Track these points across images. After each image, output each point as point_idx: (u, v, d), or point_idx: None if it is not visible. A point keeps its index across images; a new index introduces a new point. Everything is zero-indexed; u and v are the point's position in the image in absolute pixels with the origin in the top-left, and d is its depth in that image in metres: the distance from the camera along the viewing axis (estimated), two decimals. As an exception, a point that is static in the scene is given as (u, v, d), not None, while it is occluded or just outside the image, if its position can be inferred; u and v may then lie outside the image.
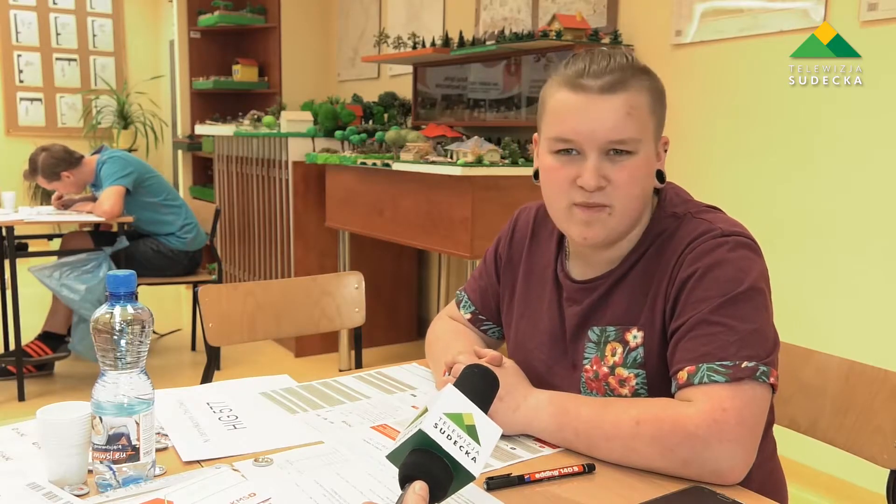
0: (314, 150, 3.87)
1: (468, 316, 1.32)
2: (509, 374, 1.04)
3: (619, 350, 1.06)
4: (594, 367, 1.08)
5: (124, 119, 6.99)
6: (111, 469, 0.84)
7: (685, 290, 0.99)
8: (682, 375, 0.95)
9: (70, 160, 3.65)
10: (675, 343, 0.98)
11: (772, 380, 0.93)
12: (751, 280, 0.97)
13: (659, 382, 1.03)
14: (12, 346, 3.42)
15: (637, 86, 1.01)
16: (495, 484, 0.87)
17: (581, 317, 1.10)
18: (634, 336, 1.05)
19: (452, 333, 1.30)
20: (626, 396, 1.05)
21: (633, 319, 1.05)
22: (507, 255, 1.26)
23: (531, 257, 1.22)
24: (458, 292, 1.36)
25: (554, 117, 1.03)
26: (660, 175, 1.08)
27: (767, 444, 1.13)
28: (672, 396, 0.97)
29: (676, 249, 1.02)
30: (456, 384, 0.81)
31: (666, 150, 1.09)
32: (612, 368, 1.06)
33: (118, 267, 3.43)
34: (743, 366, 0.92)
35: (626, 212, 1.03)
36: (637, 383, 1.05)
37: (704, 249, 0.99)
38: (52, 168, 3.61)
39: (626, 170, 1.01)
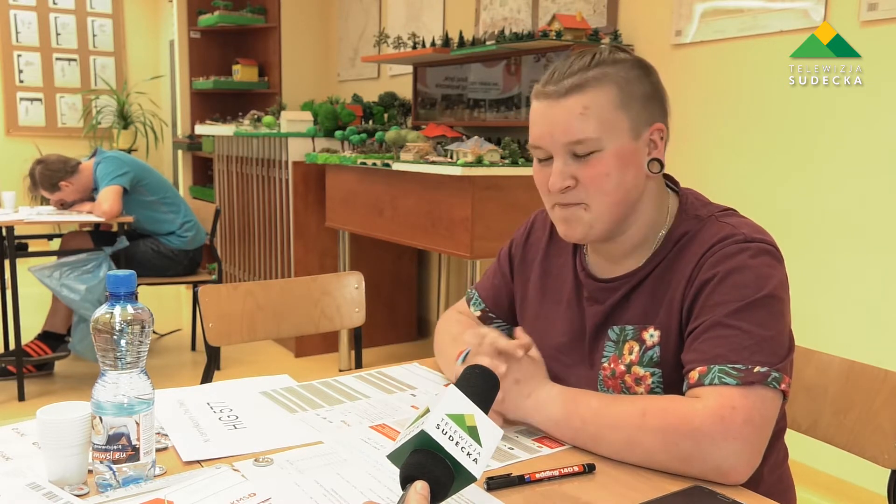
0: (314, 150, 3.87)
1: (478, 313, 1.33)
2: (530, 364, 1.05)
3: (636, 349, 1.06)
4: (612, 366, 1.09)
5: (124, 119, 6.98)
6: (111, 469, 0.83)
7: (704, 292, 0.99)
8: (694, 375, 0.95)
9: (66, 169, 3.64)
10: (690, 344, 0.99)
11: (783, 386, 0.93)
12: (770, 287, 0.97)
13: (675, 381, 1.03)
14: (12, 346, 3.42)
15: (596, 84, 1.01)
16: (495, 484, 0.87)
17: (603, 316, 1.11)
18: (651, 335, 1.05)
19: (460, 325, 1.30)
20: (641, 395, 1.05)
21: (650, 318, 1.06)
22: (521, 255, 1.27)
23: (548, 258, 1.23)
24: (469, 290, 1.38)
25: (530, 125, 1.08)
26: (658, 164, 1.07)
27: (779, 451, 1.13)
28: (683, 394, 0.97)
29: (697, 251, 1.03)
30: (457, 384, 0.81)
31: (662, 138, 1.07)
32: (629, 367, 1.07)
33: (118, 267, 3.42)
34: (755, 370, 0.91)
35: (604, 206, 1.04)
36: (653, 382, 1.05)
37: (726, 254, 1.00)
38: (49, 180, 3.61)
39: (592, 167, 1.02)
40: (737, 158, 2.70)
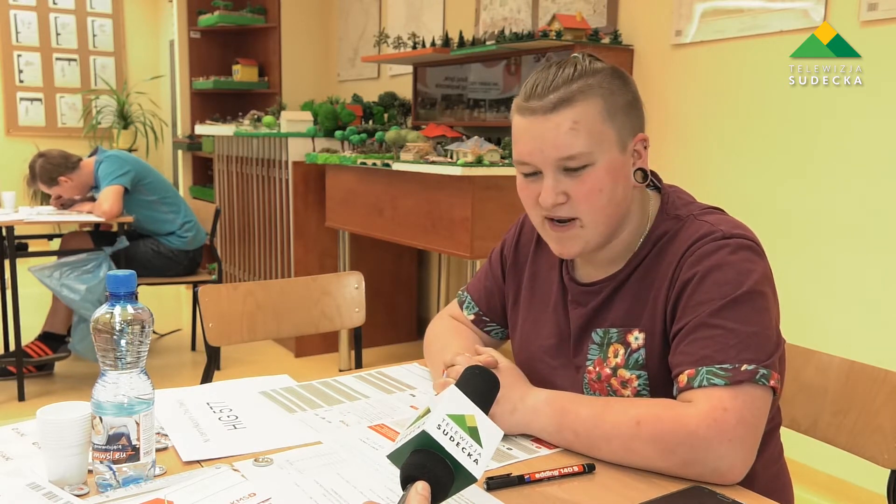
0: (314, 150, 3.87)
1: (471, 317, 1.32)
2: (505, 375, 1.03)
3: (622, 351, 1.06)
4: (597, 369, 1.08)
5: (124, 119, 6.98)
6: (111, 469, 0.84)
7: (685, 292, 0.99)
8: (683, 379, 0.95)
9: (67, 164, 3.64)
10: (676, 346, 0.99)
11: (772, 382, 0.93)
12: (751, 282, 0.96)
13: (661, 383, 1.03)
14: (12, 347, 3.42)
15: (582, 98, 1.00)
16: (495, 484, 0.87)
17: (586, 319, 1.11)
18: (636, 337, 1.05)
19: (451, 332, 1.30)
20: (631, 398, 1.05)
21: (634, 321, 1.05)
22: (512, 257, 1.27)
23: (537, 261, 1.22)
24: (459, 293, 1.36)
25: (513, 141, 1.06)
26: (643, 174, 1.06)
27: (774, 447, 1.13)
28: (674, 398, 0.97)
29: (678, 252, 1.02)
30: (457, 385, 0.81)
31: (646, 147, 1.07)
32: (615, 370, 1.06)
33: (118, 267, 3.42)
34: (743, 368, 0.91)
35: (598, 220, 1.03)
36: (639, 384, 1.05)
37: (705, 252, 0.99)
38: (49, 174, 3.61)
39: (584, 182, 1.01)
40: (737, 158, 2.70)
